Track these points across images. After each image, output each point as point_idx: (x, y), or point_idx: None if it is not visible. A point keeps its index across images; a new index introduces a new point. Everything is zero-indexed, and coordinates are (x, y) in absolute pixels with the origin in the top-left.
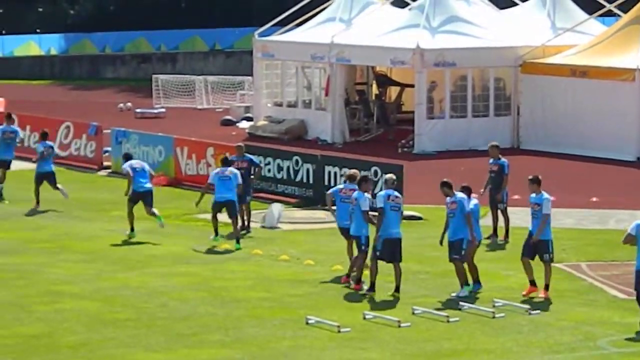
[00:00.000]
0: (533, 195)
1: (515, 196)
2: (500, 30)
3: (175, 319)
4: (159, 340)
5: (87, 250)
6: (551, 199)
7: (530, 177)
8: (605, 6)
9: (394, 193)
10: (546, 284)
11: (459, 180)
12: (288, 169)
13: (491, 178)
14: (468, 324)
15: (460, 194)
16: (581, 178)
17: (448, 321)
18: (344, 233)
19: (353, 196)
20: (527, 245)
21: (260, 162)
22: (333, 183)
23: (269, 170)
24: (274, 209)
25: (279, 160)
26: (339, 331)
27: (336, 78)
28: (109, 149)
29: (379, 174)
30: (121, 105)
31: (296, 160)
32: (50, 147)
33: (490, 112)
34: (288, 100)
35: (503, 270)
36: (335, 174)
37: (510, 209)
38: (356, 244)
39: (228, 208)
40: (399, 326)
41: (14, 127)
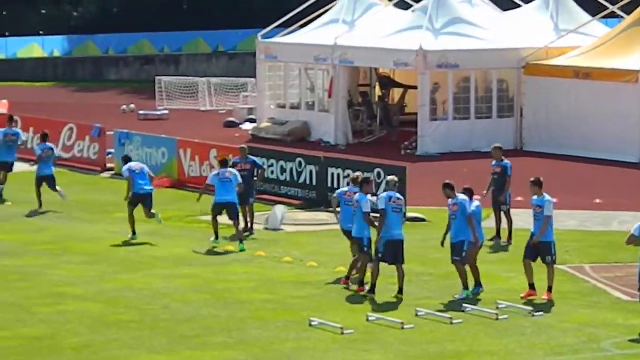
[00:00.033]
0: (535, 197)
1: (519, 198)
2: (503, 32)
3: (178, 321)
4: (162, 342)
5: (90, 252)
6: (553, 201)
7: (532, 180)
8: (608, 8)
9: (395, 195)
10: (549, 286)
11: (462, 182)
12: (291, 171)
13: (494, 180)
14: (471, 325)
15: (461, 196)
16: (584, 180)
17: (451, 323)
18: (348, 235)
19: (355, 198)
20: (529, 248)
21: (264, 164)
22: (336, 185)
23: (272, 172)
24: (277, 210)
25: (282, 162)
26: (342, 333)
27: (339, 80)
28: (112, 150)
29: (382, 175)
30: (124, 107)
31: (299, 162)
32: (50, 149)
33: (493, 114)
34: (291, 102)
35: (506, 272)
36: (339, 175)
37: (514, 211)
38: (358, 246)
39: (229, 210)
40: (402, 328)
41: (15, 130)
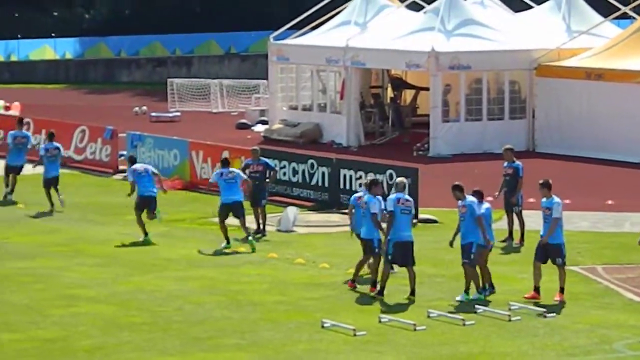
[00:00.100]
0: (544, 199)
1: (530, 199)
2: (515, 33)
3: (190, 323)
4: (174, 344)
5: (103, 254)
6: (562, 203)
7: (541, 182)
8: (620, 9)
9: (404, 196)
10: (561, 287)
11: (474, 183)
12: (303, 173)
13: (506, 181)
14: (484, 327)
15: (470, 198)
16: (596, 181)
17: (464, 324)
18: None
19: (363, 200)
20: (539, 249)
21: (276, 166)
22: (348, 186)
23: (284, 174)
24: (289, 212)
25: (294, 164)
26: (355, 335)
27: (351, 81)
28: (124, 152)
29: (394, 177)
30: (136, 109)
31: (311, 163)
32: (56, 148)
33: (505, 115)
34: (303, 104)
35: (518, 273)
36: (351, 177)
37: (526, 212)
38: (368, 247)
39: (235, 209)
40: (415, 329)
41: (25, 132)
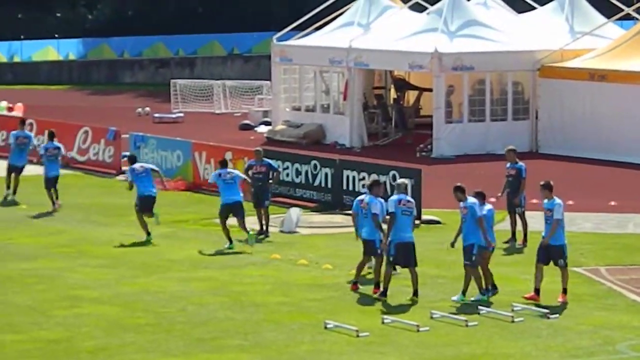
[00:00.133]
0: (545, 200)
1: (534, 200)
2: (518, 34)
3: (194, 324)
4: (178, 345)
5: (106, 255)
6: (563, 204)
7: (542, 183)
8: (623, 10)
9: (405, 197)
10: (564, 288)
11: (477, 184)
12: (306, 174)
13: (509, 182)
14: (487, 328)
15: (471, 199)
16: (599, 182)
17: (467, 325)
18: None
19: (365, 200)
20: (541, 250)
21: (279, 167)
22: (351, 187)
23: (287, 175)
24: (293, 213)
25: (297, 165)
26: (358, 336)
27: (354, 82)
28: (128, 153)
29: (397, 178)
30: (139, 110)
31: (314, 164)
32: (56, 148)
33: (508, 116)
34: (306, 105)
35: (521, 274)
36: (354, 178)
37: (528, 213)
38: (370, 248)
39: (235, 209)
40: (418, 330)
41: (27, 133)
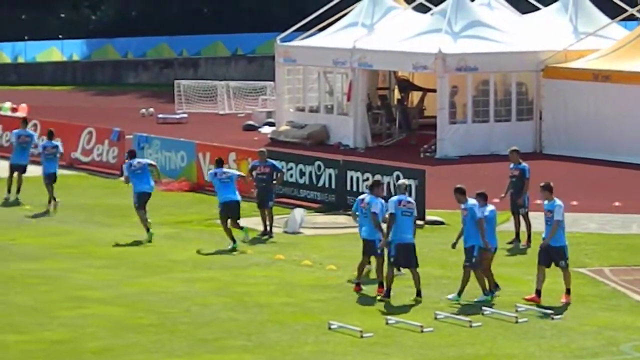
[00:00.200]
0: (546, 202)
1: (537, 201)
2: (522, 35)
3: (198, 324)
4: (181, 346)
5: (110, 256)
6: (563, 205)
7: (542, 185)
8: (627, 10)
9: (406, 198)
10: (567, 288)
11: (481, 185)
12: (310, 174)
13: (512, 183)
14: (491, 328)
15: (472, 201)
16: (603, 182)
17: (471, 326)
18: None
19: (365, 200)
20: (542, 252)
21: (283, 167)
22: (355, 188)
23: (291, 176)
24: (296, 214)
25: (301, 166)
26: (362, 336)
27: (358, 83)
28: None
29: (401, 179)
30: (143, 110)
31: (318, 165)
32: (55, 147)
33: (512, 117)
34: (310, 106)
35: (525, 275)
36: (358, 179)
37: (532, 214)
38: (370, 248)
39: (232, 208)
40: (422, 331)
41: (29, 132)
